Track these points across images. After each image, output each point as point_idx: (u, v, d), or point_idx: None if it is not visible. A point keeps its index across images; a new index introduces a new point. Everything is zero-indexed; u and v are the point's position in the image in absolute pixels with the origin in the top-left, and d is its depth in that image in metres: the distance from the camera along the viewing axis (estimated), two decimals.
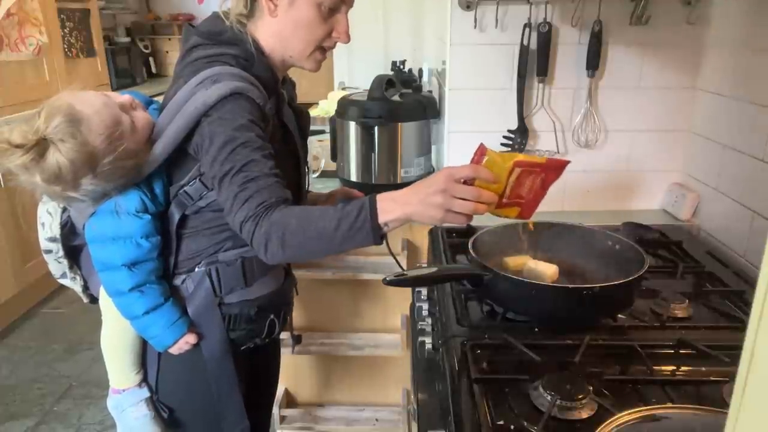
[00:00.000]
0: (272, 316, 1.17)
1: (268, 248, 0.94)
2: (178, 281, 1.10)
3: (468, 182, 0.92)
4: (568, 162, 1.01)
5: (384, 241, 0.96)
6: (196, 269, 1.09)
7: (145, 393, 1.14)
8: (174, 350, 1.09)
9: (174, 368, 1.13)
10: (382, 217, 0.92)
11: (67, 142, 0.90)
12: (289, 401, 1.90)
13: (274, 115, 1.06)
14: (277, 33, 1.05)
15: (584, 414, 0.83)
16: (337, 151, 1.78)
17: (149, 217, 1.02)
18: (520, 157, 0.97)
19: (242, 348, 1.15)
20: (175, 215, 1.05)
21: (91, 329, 2.85)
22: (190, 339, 1.09)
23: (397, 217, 0.93)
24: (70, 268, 1.16)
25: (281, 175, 0.98)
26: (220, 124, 0.96)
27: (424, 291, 1.36)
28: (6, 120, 2.91)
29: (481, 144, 0.96)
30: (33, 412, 2.30)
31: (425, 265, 1.56)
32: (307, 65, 1.09)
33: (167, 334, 1.06)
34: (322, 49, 1.08)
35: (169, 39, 5.10)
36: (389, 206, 0.93)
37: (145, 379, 1.14)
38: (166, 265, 1.08)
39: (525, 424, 0.82)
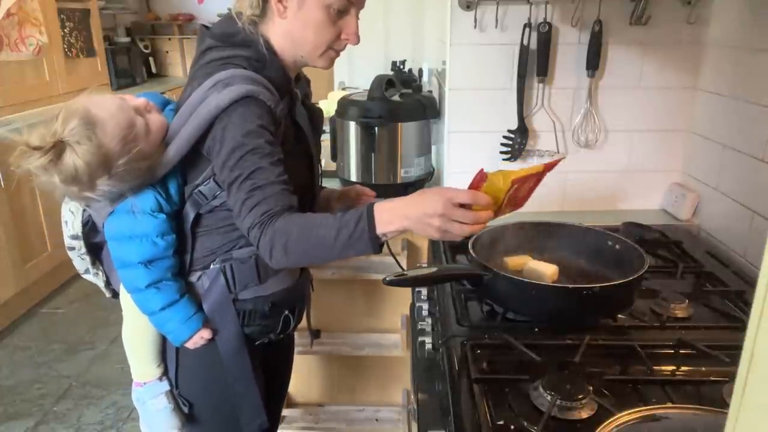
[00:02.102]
0: (287, 312, 1.19)
1: (273, 255, 0.98)
2: (193, 278, 1.12)
3: (466, 205, 0.93)
4: (562, 158, 1.04)
5: (382, 249, 0.99)
6: (211, 266, 1.11)
7: (165, 386, 1.17)
8: (190, 345, 1.12)
9: (192, 363, 1.16)
10: (380, 228, 0.95)
11: (83, 145, 0.93)
12: (289, 401, 1.90)
13: (287, 115, 1.08)
14: (287, 34, 1.06)
15: (584, 414, 0.83)
16: (337, 151, 1.78)
17: (164, 216, 1.05)
18: (519, 174, 0.97)
19: (257, 343, 1.17)
20: (190, 214, 1.08)
21: (90, 329, 2.86)
22: (205, 334, 1.11)
23: (395, 229, 0.95)
24: (93, 264, 1.19)
25: (288, 181, 1.01)
26: (230, 129, 0.98)
27: (424, 291, 1.36)
28: (6, 120, 2.91)
29: (482, 170, 0.96)
30: (33, 413, 2.30)
31: (425, 265, 1.56)
32: (319, 64, 1.10)
33: (183, 329, 1.09)
34: (334, 49, 1.09)
35: (169, 39, 5.10)
36: (387, 218, 0.95)
37: (165, 373, 1.17)
38: (182, 263, 1.11)
39: (525, 424, 0.82)
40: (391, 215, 0.95)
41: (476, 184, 0.96)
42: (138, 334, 1.15)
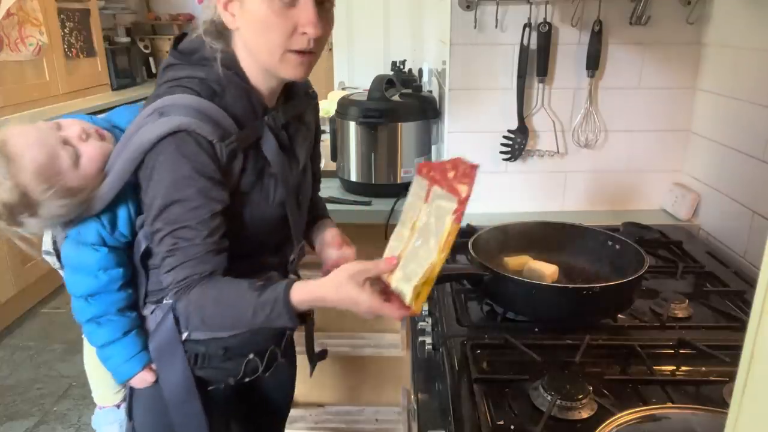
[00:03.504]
0: (252, 356, 1.08)
1: (191, 322, 0.95)
2: (147, 311, 1.04)
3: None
4: (476, 166, 0.84)
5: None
6: (164, 301, 1.02)
7: (120, 415, 1.11)
8: (135, 384, 1.05)
9: (145, 401, 1.07)
10: (300, 308, 0.91)
11: None
12: None
13: (254, 145, 0.96)
14: (244, 44, 0.93)
15: (584, 414, 0.83)
16: (337, 151, 1.78)
17: (106, 249, 0.97)
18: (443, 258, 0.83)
19: (212, 387, 1.06)
20: (141, 245, 0.99)
21: None
22: (148, 376, 1.03)
23: (314, 309, 0.93)
24: None
25: (220, 238, 0.93)
26: (158, 171, 0.89)
27: None
28: (6, 120, 2.91)
29: (409, 308, 0.86)
30: (33, 412, 2.30)
31: None
32: (284, 72, 0.93)
33: (124, 368, 1.02)
34: (295, 52, 0.90)
35: (169, 39, 5.06)
36: (306, 299, 0.91)
37: (126, 401, 1.11)
38: (137, 295, 1.03)
39: (525, 424, 0.82)
40: (310, 301, 0.91)
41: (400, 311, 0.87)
42: (95, 359, 1.08)
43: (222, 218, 0.93)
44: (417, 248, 0.85)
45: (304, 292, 0.90)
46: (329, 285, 0.89)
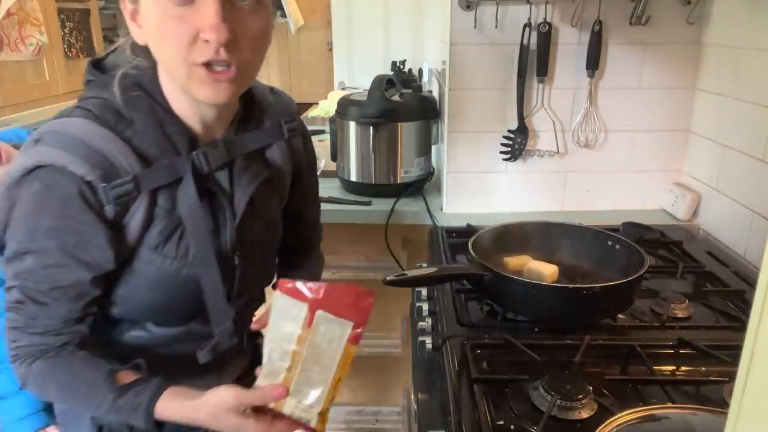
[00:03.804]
0: None
1: (32, 391, 0.81)
2: None
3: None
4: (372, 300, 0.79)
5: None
6: None
7: None
8: None
9: None
10: (165, 419, 0.77)
11: None
12: None
13: (163, 192, 0.78)
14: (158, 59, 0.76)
15: (584, 414, 0.83)
16: (337, 151, 1.78)
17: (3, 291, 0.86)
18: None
19: None
20: None
21: None
22: None
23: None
24: None
25: (80, 307, 0.77)
26: (18, 210, 0.72)
27: (424, 291, 1.36)
28: (6, 120, 2.91)
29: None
30: None
31: (425, 265, 1.57)
32: (196, 93, 0.73)
33: (14, 428, 0.92)
34: (204, 66, 0.71)
35: None
36: (173, 416, 0.77)
37: None
38: None
39: (525, 424, 0.82)
40: (180, 420, 0.77)
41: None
42: None
43: (95, 283, 0.76)
44: (310, 373, 0.79)
45: (173, 410, 0.76)
46: (205, 412, 0.75)
